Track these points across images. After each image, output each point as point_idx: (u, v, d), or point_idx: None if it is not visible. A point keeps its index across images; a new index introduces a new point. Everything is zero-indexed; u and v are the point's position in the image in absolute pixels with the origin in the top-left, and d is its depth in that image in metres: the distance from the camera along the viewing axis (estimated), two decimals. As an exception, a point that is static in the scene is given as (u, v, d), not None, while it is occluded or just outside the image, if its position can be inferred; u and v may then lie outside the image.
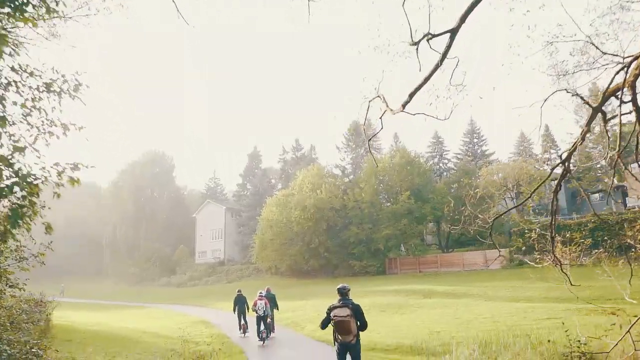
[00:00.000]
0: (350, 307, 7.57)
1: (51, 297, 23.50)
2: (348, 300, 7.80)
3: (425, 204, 37.98)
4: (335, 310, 7.57)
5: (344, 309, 7.54)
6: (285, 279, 45.49)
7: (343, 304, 7.65)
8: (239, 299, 18.07)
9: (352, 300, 7.91)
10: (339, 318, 7.44)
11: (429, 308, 21.59)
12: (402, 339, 14.99)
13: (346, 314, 7.46)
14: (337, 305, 7.66)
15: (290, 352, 13.96)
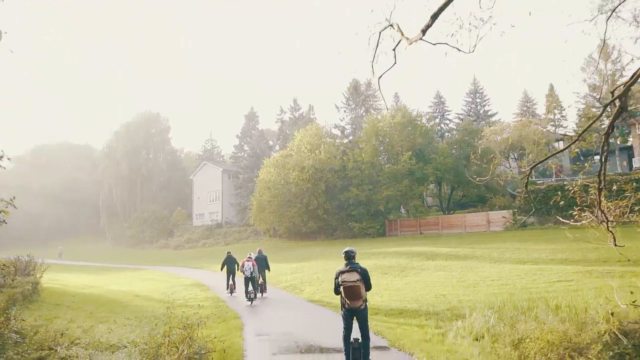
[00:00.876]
0: (359, 272, 7.30)
1: (41, 260, 22.70)
2: (355, 264, 7.50)
3: (426, 165, 36.87)
4: (343, 275, 7.29)
5: (353, 273, 7.26)
6: (284, 241, 44.93)
7: (351, 268, 7.37)
8: (229, 260, 18.57)
9: (359, 264, 7.59)
10: (349, 283, 7.18)
11: (433, 270, 20.86)
12: (406, 303, 14.20)
13: (355, 279, 7.20)
14: (345, 270, 7.38)
15: (287, 315, 13.16)
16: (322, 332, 10.67)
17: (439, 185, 41.89)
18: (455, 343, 8.81)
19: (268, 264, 17.79)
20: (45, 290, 20.47)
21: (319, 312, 13.70)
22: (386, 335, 9.79)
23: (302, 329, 10.99)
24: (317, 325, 11.55)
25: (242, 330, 11.03)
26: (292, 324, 11.81)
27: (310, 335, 10.11)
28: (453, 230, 35.81)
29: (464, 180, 38.30)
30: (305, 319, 12.56)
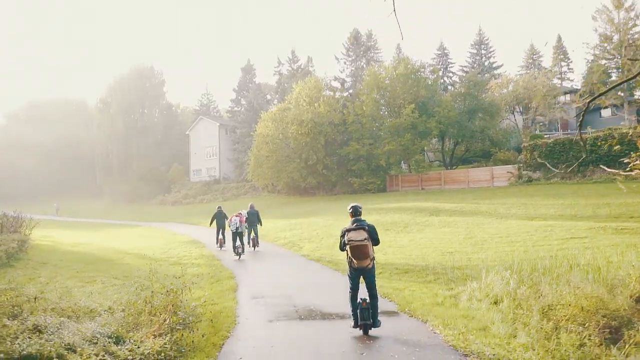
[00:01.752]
0: (367, 229, 6.86)
1: (29, 215, 21.88)
2: (363, 221, 7.02)
3: (430, 118, 35.50)
4: (350, 234, 6.84)
5: (360, 231, 6.81)
6: (283, 197, 44.17)
7: (358, 226, 6.90)
8: (218, 215, 18.61)
9: (366, 220, 7.10)
10: (356, 242, 6.74)
11: (437, 227, 20.07)
12: (412, 261, 13.41)
13: (363, 238, 6.77)
14: (351, 227, 6.91)
15: (286, 275, 12.36)
16: (322, 293, 9.86)
17: (441, 140, 40.69)
18: (470, 307, 7.98)
19: (260, 218, 17.76)
20: (34, 247, 19.74)
21: (319, 271, 12.90)
22: (394, 298, 8.96)
23: (302, 290, 10.18)
24: (317, 286, 10.74)
25: (237, 291, 10.20)
26: (290, 284, 11.00)
27: (310, 298, 9.29)
28: (456, 185, 34.92)
29: (467, 134, 37.10)
30: (305, 279, 11.76)
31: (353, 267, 6.94)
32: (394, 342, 6.12)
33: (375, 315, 6.79)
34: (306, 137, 38.15)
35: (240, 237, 16.05)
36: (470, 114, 37.77)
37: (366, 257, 6.81)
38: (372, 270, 7.01)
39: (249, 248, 17.63)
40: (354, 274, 7.01)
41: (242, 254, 15.91)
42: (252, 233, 17.45)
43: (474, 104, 37.77)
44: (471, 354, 5.46)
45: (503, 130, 38.60)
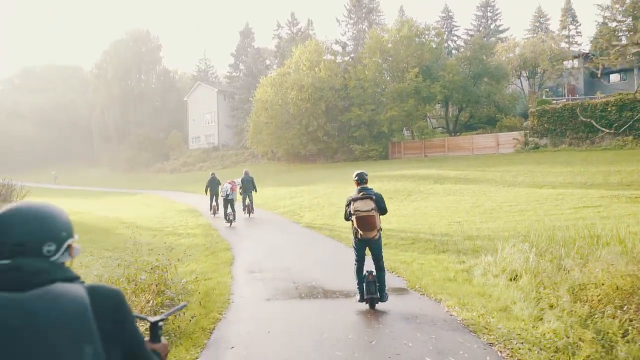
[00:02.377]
0: (374, 199, 6.40)
1: (22, 183, 21.22)
2: (369, 189, 6.57)
3: (434, 83, 34.32)
4: (356, 204, 6.39)
5: (367, 201, 6.36)
6: (282, 164, 43.41)
7: (365, 195, 6.44)
8: (212, 182, 18.34)
9: (373, 189, 6.66)
10: (362, 213, 6.30)
11: (442, 195, 19.39)
12: (418, 232, 12.74)
13: (370, 208, 6.31)
14: (357, 197, 6.46)
15: (285, 246, 11.70)
16: (324, 267, 9.21)
17: (445, 106, 39.59)
18: (486, 283, 7.31)
19: (255, 185, 17.45)
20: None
21: (320, 242, 12.25)
22: (402, 273, 8.30)
23: (302, 264, 9.53)
24: (319, 259, 10.09)
25: (232, 265, 9.54)
26: (290, 256, 10.35)
27: (311, 272, 8.64)
28: (460, 152, 34.10)
29: (472, 100, 36.00)
30: (306, 251, 11.11)
31: (358, 238, 6.52)
32: (406, 327, 5.45)
33: (382, 288, 6.38)
34: (306, 102, 37.10)
35: (232, 204, 15.81)
36: (476, 79, 36.56)
37: (373, 228, 6.37)
38: (379, 241, 6.62)
39: (244, 215, 17.26)
40: (360, 246, 6.60)
41: (233, 222, 15.70)
42: (247, 200, 17.11)
43: (480, 68, 36.52)
44: (496, 342, 4.78)
45: (509, 95, 37.46)
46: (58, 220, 1.47)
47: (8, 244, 1.34)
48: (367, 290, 6.28)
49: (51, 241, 1.40)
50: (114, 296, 1.46)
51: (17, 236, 1.35)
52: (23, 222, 1.38)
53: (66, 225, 1.50)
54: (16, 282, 1.30)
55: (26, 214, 1.40)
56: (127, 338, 1.44)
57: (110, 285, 1.51)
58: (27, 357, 1.22)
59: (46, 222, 1.42)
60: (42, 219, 1.42)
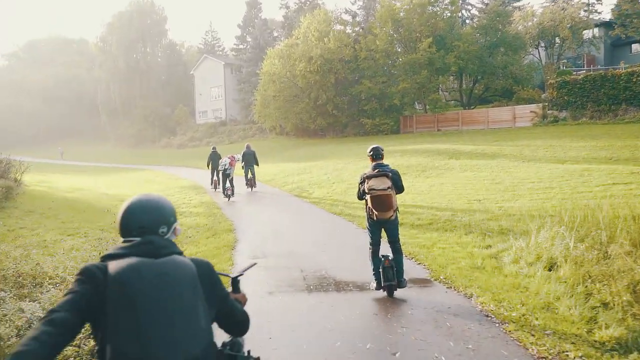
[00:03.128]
0: (390, 176, 5.81)
1: (20, 159, 20.48)
2: (385, 166, 6.00)
3: (448, 54, 32.84)
4: (371, 182, 5.80)
5: (382, 179, 5.78)
6: (291, 139, 42.39)
7: (381, 172, 5.84)
8: (213, 156, 18.11)
9: (389, 165, 6.07)
10: (377, 192, 5.72)
11: (458, 170, 18.40)
12: (435, 210, 11.84)
13: (386, 186, 5.73)
14: (372, 174, 5.85)
15: (292, 227, 10.86)
16: (335, 252, 8.36)
17: (459, 78, 38.08)
18: (519, 273, 6.42)
19: (256, 159, 17.18)
20: (26, 194, 18.43)
21: (330, 222, 11.38)
22: (423, 259, 7.42)
23: (311, 248, 8.68)
24: (329, 242, 9.24)
25: (234, 249, 8.71)
26: (297, 239, 9.51)
27: (320, 258, 7.80)
28: (475, 126, 32.87)
29: (488, 71, 34.48)
30: (315, 232, 10.26)
31: (373, 219, 5.95)
32: (434, 332, 4.57)
33: (400, 273, 5.84)
34: (315, 75, 35.84)
35: (230, 178, 15.70)
36: (492, 49, 34.93)
37: (389, 208, 5.81)
38: (395, 222, 6.06)
39: (247, 189, 17.28)
40: (374, 227, 6.05)
41: (231, 196, 15.60)
42: (249, 174, 17.03)
43: (496, 38, 34.87)
44: (549, 356, 3.90)
45: (526, 66, 35.86)
46: (167, 209, 1.97)
47: (135, 227, 1.87)
48: (385, 277, 5.70)
49: (164, 224, 1.93)
50: (207, 264, 1.95)
51: (140, 221, 1.88)
52: (144, 211, 1.90)
53: (173, 212, 1.99)
54: (151, 252, 1.81)
55: (146, 204, 1.93)
56: (218, 293, 1.94)
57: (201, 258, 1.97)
58: (164, 301, 1.72)
59: (160, 210, 1.93)
60: (157, 208, 1.94)
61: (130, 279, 1.70)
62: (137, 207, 1.90)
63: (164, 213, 1.93)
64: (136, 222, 1.87)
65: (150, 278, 1.72)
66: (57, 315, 1.60)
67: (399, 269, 5.83)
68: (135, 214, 1.89)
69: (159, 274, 1.74)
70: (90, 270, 1.74)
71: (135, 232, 1.86)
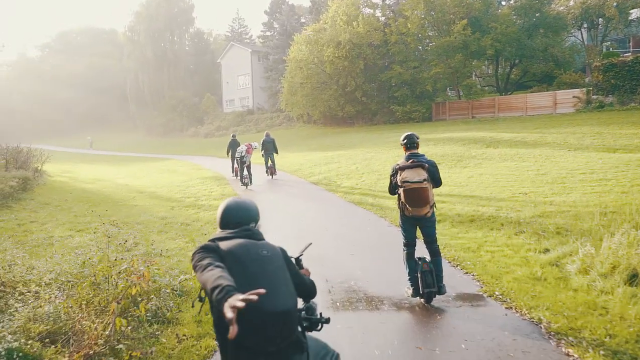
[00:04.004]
0: (426, 167, 5.16)
1: (40, 147, 20.15)
2: (421, 156, 5.31)
3: (484, 36, 31.02)
4: (404, 173, 5.17)
5: (418, 170, 5.14)
6: (318, 128, 41.30)
7: (415, 162, 5.19)
8: (233, 144, 18.26)
9: (425, 155, 5.37)
10: (412, 185, 5.09)
11: (498, 160, 17.02)
12: (476, 205, 10.63)
13: (422, 179, 5.09)
14: (406, 165, 5.21)
15: (317, 225, 9.83)
16: (366, 255, 7.32)
17: (495, 62, 36.11)
18: (591, 287, 5.24)
19: (276, 147, 17.37)
20: (47, 184, 18.02)
21: (360, 219, 10.30)
22: (470, 267, 6.29)
23: (337, 251, 7.66)
24: (358, 242, 8.19)
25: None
26: (323, 240, 8.48)
27: (348, 265, 6.77)
28: (512, 113, 31.09)
29: (527, 54, 32.45)
30: (342, 231, 9.21)
31: (407, 216, 5.30)
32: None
33: (440, 278, 5.19)
34: (343, 60, 34.55)
35: (247, 166, 15.69)
36: (531, 31, 32.85)
37: (425, 204, 5.14)
38: (432, 219, 5.36)
39: (267, 177, 17.44)
40: (409, 225, 5.38)
41: (249, 184, 15.64)
42: (269, 161, 17.18)
43: (535, 19, 32.77)
44: None
45: (568, 48, 33.68)
46: (255, 210, 2.55)
47: (234, 221, 2.43)
48: (423, 283, 5.08)
49: (253, 221, 2.49)
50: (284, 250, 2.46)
51: (237, 217, 2.45)
52: (239, 210, 2.48)
53: (258, 213, 2.57)
54: (250, 237, 2.37)
55: (241, 205, 2.52)
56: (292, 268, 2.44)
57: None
58: (266, 269, 2.22)
59: (250, 211, 2.51)
60: (248, 209, 2.52)
61: (241, 252, 2.23)
62: (234, 207, 2.50)
63: (252, 214, 2.51)
64: (234, 217, 2.44)
65: (254, 253, 2.26)
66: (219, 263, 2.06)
67: (438, 272, 5.16)
68: (233, 212, 2.47)
69: (259, 251, 2.29)
70: (209, 246, 2.23)
71: (232, 225, 2.42)
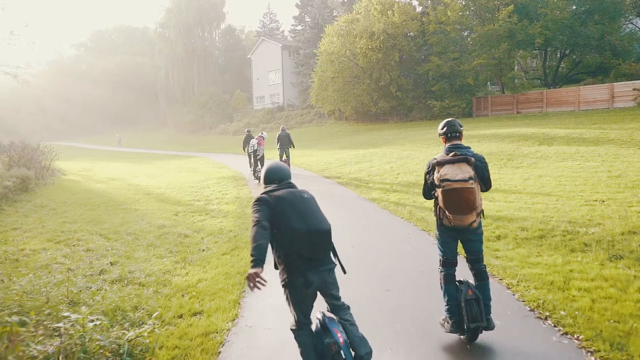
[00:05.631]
0: (473, 163, 3.91)
1: (48, 144, 18.95)
2: (466, 148, 4.05)
3: (532, 23, 28.31)
4: (444, 170, 3.89)
5: (462, 165, 3.86)
6: (350, 124, 39.27)
7: (459, 156, 3.92)
8: (248, 139, 18.01)
9: (471, 148, 4.08)
10: (454, 184, 3.81)
11: (555, 159, 14.72)
12: (542, 216, 8.49)
13: (467, 177, 3.82)
14: (446, 159, 3.95)
15: (341, 241, 7.84)
16: (406, 287, 5.35)
17: (544, 53, 33.20)
18: None
19: (292, 141, 17.25)
20: (54, 184, 16.75)
21: (397, 232, 8.31)
22: (566, 321, 4.23)
23: (368, 281, 5.72)
24: (395, 268, 6.22)
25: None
26: (349, 265, 6.56)
27: (384, 305, 4.81)
28: (561, 108, 28.36)
29: (580, 43, 29.51)
30: (374, 251, 7.25)
31: (445, 226, 4.14)
32: None
33: (488, 308, 4.06)
34: (377, 52, 32.42)
35: (260, 159, 15.89)
36: (584, 17, 29.90)
37: (471, 210, 3.92)
38: (479, 230, 4.13)
39: None
40: (447, 238, 4.20)
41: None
42: (284, 155, 17.03)
43: (589, 4, 29.77)
44: None
45: (626, 36, 30.51)
46: (289, 171, 3.63)
47: (277, 178, 3.49)
48: (469, 315, 3.93)
49: (289, 178, 3.57)
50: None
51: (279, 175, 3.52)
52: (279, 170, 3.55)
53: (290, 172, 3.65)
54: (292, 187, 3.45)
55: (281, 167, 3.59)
56: None
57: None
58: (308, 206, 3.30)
59: (286, 171, 3.59)
60: (286, 169, 3.60)
61: (291, 197, 3.30)
62: (276, 167, 3.58)
63: (288, 173, 3.62)
64: (277, 175, 3.53)
65: (299, 197, 3.35)
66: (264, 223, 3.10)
67: (486, 301, 4.05)
68: (275, 171, 3.56)
69: (302, 195, 3.40)
70: (263, 198, 3.27)
71: (277, 181, 3.50)
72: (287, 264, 3.17)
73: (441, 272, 4.21)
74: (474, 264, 4.18)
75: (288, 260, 3.16)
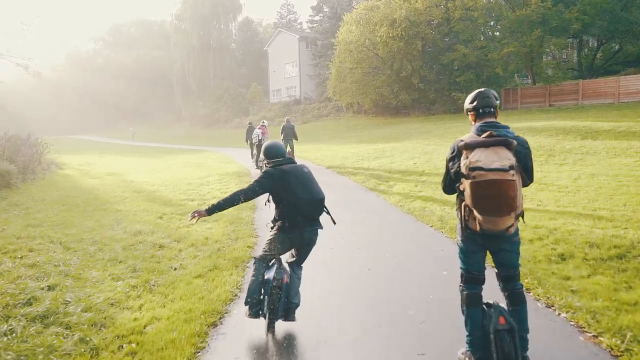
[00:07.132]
0: (513, 147, 2.88)
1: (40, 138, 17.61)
2: (504, 128, 3.03)
3: (568, 8, 26.06)
4: (475, 155, 2.89)
5: (500, 150, 2.87)
6: (370, 118, 37.37)
7: (496, 137, 2.93)
8: (250, 131, 18.29)
9: (509, 128, 3.05)
10: (490, 174, 2.81)
11: (606, 155, 12.80)
12: (608, 223, 6.66)
13: (508, 165, 2.81)
14: (477, 141, 2.95)
15: (358, 255, 6.08)
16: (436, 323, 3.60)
17: (579, 41, 30.80)
18: None
19: (296, 133, 17.07)
20: (45, 179, 15.40)
21: (424, 244, 6.56)
22: None
23: (388, 319, 4.00)
24: (423, 295, 4.48)
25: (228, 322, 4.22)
26: (363, 294, 4.84)
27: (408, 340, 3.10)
28: (599, 100, 26.05)
29: (622, 29, 27.09)
30: (395, 272, 5.50)
31: (470, 229, 3.06)
32: None
33: (524, 342, 2.99)
34: (399, 41, 30.43)
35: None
36: (626, 0, 27.45)
37: (509, 210, 2.87)
38: (515, 238, 3.09)
39: None
40: (474, 247, 3.13)
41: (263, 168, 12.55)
42: (288, 147, 16.21)
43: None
44: None
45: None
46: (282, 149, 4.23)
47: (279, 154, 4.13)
48: (499, 350, 2.86)
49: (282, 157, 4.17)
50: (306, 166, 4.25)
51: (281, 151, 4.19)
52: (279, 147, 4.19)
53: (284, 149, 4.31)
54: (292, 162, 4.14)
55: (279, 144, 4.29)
56: None
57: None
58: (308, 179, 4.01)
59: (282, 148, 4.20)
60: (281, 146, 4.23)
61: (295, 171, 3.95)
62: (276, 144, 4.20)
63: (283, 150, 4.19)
64: (280, 150, 4.13)
65: (300, 171, 3.98)
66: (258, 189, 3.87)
67: (522, 333, 2.97)
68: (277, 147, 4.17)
69: (302, 169, 4.03)
70: (270, 172, 3.90)
71: (281, 156, 4.09)
72: (290, 221, 3.90)
73: (462, 291, 3.24)
74: (507, 282, 3.17)
75: (292, 219, 3.90)
